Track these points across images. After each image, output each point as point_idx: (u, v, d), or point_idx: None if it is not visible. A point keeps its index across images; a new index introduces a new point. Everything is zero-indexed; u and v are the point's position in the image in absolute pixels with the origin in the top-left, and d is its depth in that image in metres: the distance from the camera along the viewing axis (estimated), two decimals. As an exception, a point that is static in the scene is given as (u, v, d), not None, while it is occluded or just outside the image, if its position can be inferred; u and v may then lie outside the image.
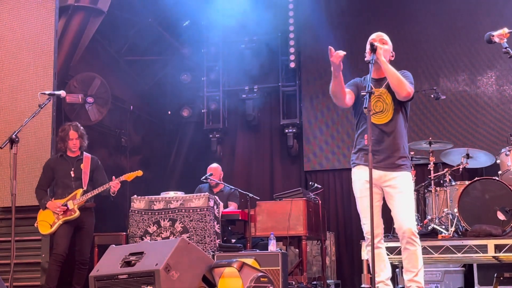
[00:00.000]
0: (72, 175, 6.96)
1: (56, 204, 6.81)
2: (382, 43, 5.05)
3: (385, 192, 5.05)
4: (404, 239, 4.94)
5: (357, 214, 5.19)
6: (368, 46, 4.98)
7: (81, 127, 7.11)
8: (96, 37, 9.39)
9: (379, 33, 5.16)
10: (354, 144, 5.24)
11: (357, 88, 5.19)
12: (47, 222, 6.83)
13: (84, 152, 7.12)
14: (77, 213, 6.82)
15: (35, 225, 6.90)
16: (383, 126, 5.04)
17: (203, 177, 8.43)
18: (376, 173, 4.96)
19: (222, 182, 8.57)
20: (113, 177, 6.97)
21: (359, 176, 5.12)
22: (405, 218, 4.94)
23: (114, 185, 6.89)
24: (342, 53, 4.84)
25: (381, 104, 5.03)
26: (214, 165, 8.86)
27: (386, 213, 5.11)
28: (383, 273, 5.06)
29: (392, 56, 5.17)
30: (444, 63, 9.92)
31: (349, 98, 5.10)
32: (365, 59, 5.05)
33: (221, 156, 11.01)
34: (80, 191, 6.89)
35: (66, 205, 6.81)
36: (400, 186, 5.00)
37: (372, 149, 4.87)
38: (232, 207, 8.28)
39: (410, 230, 4.91)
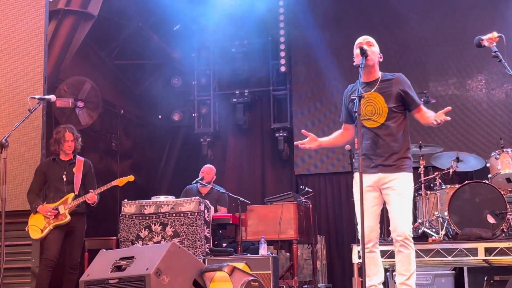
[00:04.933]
0: (64, 179, 6.88)
1: (47, 208, 6.75)
2: (369, 46, 5.04)
3: (384, 194, 5.04)
4: (398, 242, 4.95)
5: (348, 218, 5.23)
6: (357, 50, 4.99)
7: (75, 130, 7.06)
8: (87, 41, 9.38)
9: (365, 36, 5.16)
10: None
11: (346, 107, 5.26)
12: (38, 226, 6.76)
13: (77, 156, 7.06)
14: (68, 218, 6.75)
15: (26, 229, 6.83)
16: (376, 130, 5.02)
17: (194, 181, 8.42)
18: (375, 176, 4.97)
19: (211, 186, 8.54)
20: (90, 190, 6.89)
21: (358, 180, 5.13)
22: (401, 221, 4.94)
23: (88, 198, 6.80)
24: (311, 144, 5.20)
25: (372, 108, 5.02)
26: (209, 165, 8.83)
27: (380, 216, 5.12)
28: (376, 277, 5.06)
29: (380, 58, 5.17)
30: (433, 67, 9.97)
31: (351, 128, 5.32)
32: (354, 63, 5.07)
33: (212, 160, 11.00)
34: (71, 195, 6.82)
35: (57, 209, 6.75)
36: (399, 188, 4.98)
37: (369, 153, 4.91)
38: (222, 211, 8.27)
39: (404, 233, 4.92)
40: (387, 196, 5.04)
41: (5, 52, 7.69)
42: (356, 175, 5.17)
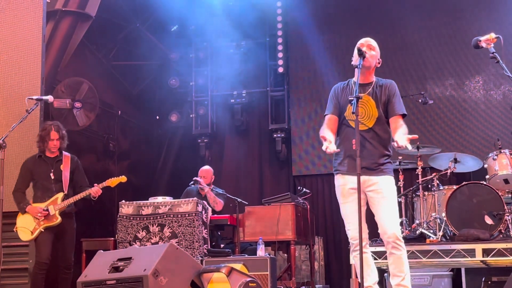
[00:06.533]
0: (52, 177, 6.77)
1: (37, 209, 6.64)
2: (369, 49, 5.04)
3: (368, 197, 5.05)
4: (389, 244, 4.94)
5: (346, 219, 5.19)
6: (355, 51, 4.98)
7: (62, 127, 6.94)
8: (84, 42, 9.37)
9: (368, 38, 5.16)
10: None
11: (337, 100, 5.22)
12: (28, 228, 6.65)
13: (63, 152, 6.93)
14: (59, 219, 6.66)
15: (14, 230, 6.73)
16: (364, 133, 5.01)
17: (191, 182, 8.40)
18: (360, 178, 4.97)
19: (209, 187, 8.51)
20: (95, 184, 6.83)
21: (342, 182, 5.12)
22: (389, 223, 4.94)
23: (94, 192, 6.75)
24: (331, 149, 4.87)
25: (362, 110, 5.02)
26: (206, 167, 8.76)
27: (372, 217, 5.11)
28: (370, 277, 5.06)
29: (379, 63, 5.16)
30: (431, 68, 9.97)
31: (336, 121, 5.19)
32: (352, 63, 5.06)
33: (210, 161, 10.99)
34: (61, 195, 6.73)
35: (47, 209, 6.65)
36: (383, 191, 4.99)
37: (354, 155, 4.88)
38: (218, 202, 8.25)
39: (394, 235, 4.91)
40: (371, 199, 5.04)
41: (3, 53, 7.67)
42: (338, 177, 5.16)
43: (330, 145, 4.85)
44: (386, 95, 5.05)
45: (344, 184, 5.08)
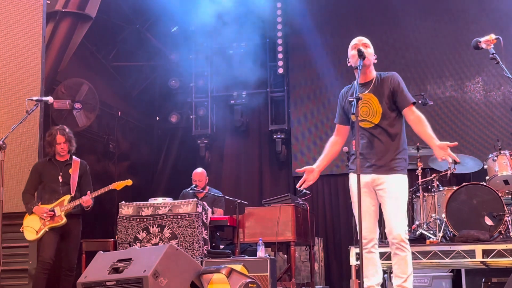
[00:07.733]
0: (60, 180, 6.86)
1: (43, 210, 6.72)
2: (365, 47, 5.04)
3: (378, 195, 5.04)
4: (394, 245, 4.94)
5: (346, 220, 5.23)
6: (353, 52, 4.98)
7: (68, 131, 7.00)
8: (84, 43, 9.38)
9: (360, 37, 5.16)
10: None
11: (342, 108, 5.26)
12: (33, 228, 6.73)
13: (73, 156, 7.03)
14: (64, 220, 6.72)
15: (21, 229, 6.80)
16: (371, 130, 5.02)
17: (189, 188, 8.38)
18: (369, 176, 4.97)
19: (206, 191, 8.48)
20: (88, 192, 6.84)
21: (355, 180, 5.12)
22: (395, 223, 4.93)
23: (84, 201, 6.77)
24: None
25: (367, 109, 5.03)
26: (199, 170, 8.70)
27: (379, 218, 5.12)
28: (374, 278, 5.05)
29: (375, 59, 5.17)
30: (431, 68, 9.98)
31: (344, 130, 5.32)
32: (349, 65, 5.07)
33: (210, 162, 11.00)
34: (68, 197, 6.80)
35: (53, 210, 6.72)
36: (392, 190, 4.98)
37: (365, 152, 4.93)
38: (218, 213, 8.25)
39: (399, 236, 4.90)
40: (380, 198, 5.04)
41: (3, 53, 7.67)
42: (351, 176, 5.18)
43: (309, 176, 5.27)
44: (389, 87, 5.04)
45: (356, 182, 5.07)
